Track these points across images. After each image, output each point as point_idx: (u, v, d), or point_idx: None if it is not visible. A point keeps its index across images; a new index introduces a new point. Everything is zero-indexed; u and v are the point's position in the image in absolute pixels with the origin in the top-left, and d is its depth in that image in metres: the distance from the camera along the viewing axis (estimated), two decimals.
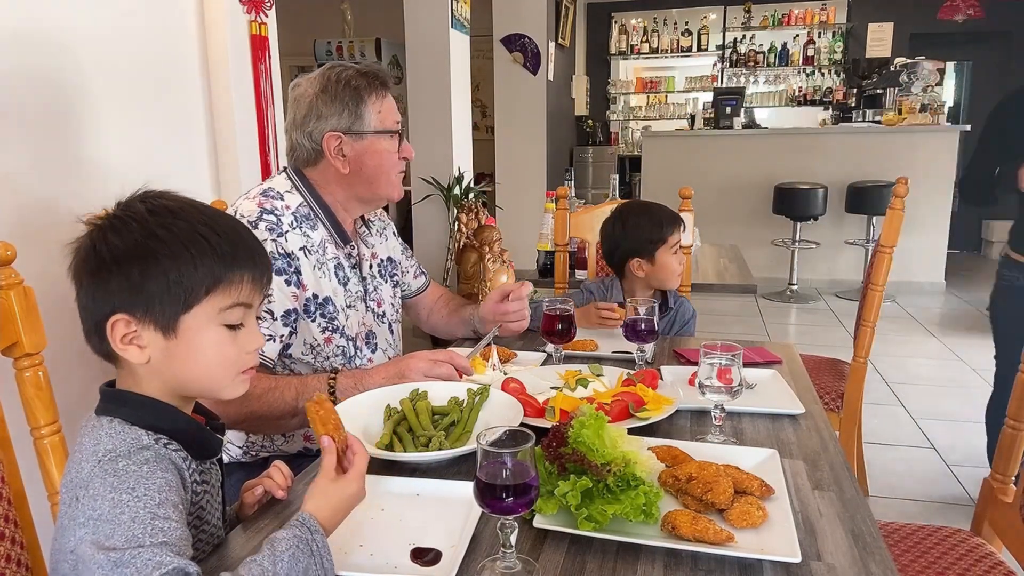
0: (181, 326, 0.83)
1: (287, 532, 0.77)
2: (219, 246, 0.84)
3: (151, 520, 0.73)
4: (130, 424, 0.82)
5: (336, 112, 1.42)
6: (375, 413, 1.22)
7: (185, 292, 0.82)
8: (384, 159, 1.46)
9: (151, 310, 0.82)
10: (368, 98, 1.44)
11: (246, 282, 0.86)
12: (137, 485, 0.75)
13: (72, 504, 0.76)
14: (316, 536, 0.78)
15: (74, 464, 0.79)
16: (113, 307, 0.82)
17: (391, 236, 1.71)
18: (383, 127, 1.46)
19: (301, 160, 1.48)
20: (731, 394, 1.18)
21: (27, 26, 1.44)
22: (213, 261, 0.83)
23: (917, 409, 3.34)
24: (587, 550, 0.87)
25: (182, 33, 1.88)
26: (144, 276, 0.81)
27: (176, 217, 0.84)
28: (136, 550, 0.70)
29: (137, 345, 0.83)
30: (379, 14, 6.51)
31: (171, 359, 0.84)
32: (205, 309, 0.83)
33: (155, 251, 0.81)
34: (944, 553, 1.31)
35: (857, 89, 7.31)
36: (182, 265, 0.81)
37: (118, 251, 0.81)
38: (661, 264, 1.90)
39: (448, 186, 4.01)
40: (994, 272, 2.46)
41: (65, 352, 1.46)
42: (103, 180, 1.62)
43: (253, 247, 0.89)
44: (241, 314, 0.87)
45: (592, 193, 7.61)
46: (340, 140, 1.43)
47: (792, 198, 5.44)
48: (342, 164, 1.45)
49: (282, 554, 0.74)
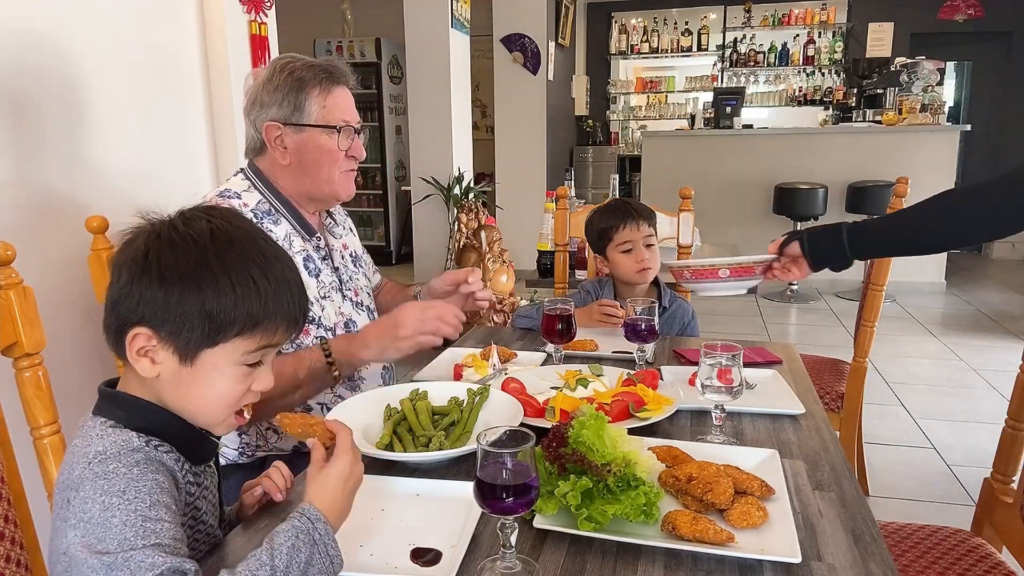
0: (201, 358, 0.82)
1: (286, 524, 0.76)
2: (265, 292, 0.82)
3: (142, 523, 0.72)
4: (123, 427, 0.81)
5: (277, 101, 1.40)
6: (375, 413, 1.22)
7: (217, 328, 0.81)
8: (324, 154, 1.43)
9: (177, 335, 0.81)
10: (311, 90, 1.41)
11: (280, 330, 0.85)
12: (127, 488, 0.75)
13: (64, 506, 0.76)
14: (317, 525, 0.77)
15: (66, 465, 0.79)
16: (142, 317, 0.81)
17: (351, 232, 1.70)
18: (324, 121, 1.42)
19: (250, 150, 1.48)
20: (731, 394, 1.18)
21: (27, 27, 1.44)
22: (253, 305, 0.82)
23: (917, 409, 3.34)
24: (587, 550, 0.87)
25: (182, 33, 1.89)
26: (182, 301, 0.79)
27: (233, 248, 0.82)
28: (129, 553, 0.70)
29: (151, 359, 0.82)
30: (379, 14, 6.52)
31: (178, 384, 0.83)
32: (229, 349, 0.82)
33: (201, 280, 0.80)
34: (944, 553, 1.31)
35: (857, 89, 7.31)
36: (223, 301, 0.80)
37: (167, 269, 0.80)
38: (613, 261, 1.92)
39: (448, 186, 4.01)
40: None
41: (65, 352, 1.46)
42: (103, 180, 1.62)
43: (299, 295, 0.88)
44: (263, 355, 0.86)
45: (592, 193, 7.61)
46: (280, 130, 1.41)
47: (792, 198, 5.44)
48: (282, 155, 1.43)
49: (280, 546, 0.73)
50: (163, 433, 0.84)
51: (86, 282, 1.40)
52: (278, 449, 1.45)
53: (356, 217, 1.43)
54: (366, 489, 1.01)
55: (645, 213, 1.93)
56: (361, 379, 1.53)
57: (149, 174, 1.75)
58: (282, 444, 1.45)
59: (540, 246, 3.06)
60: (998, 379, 3.69)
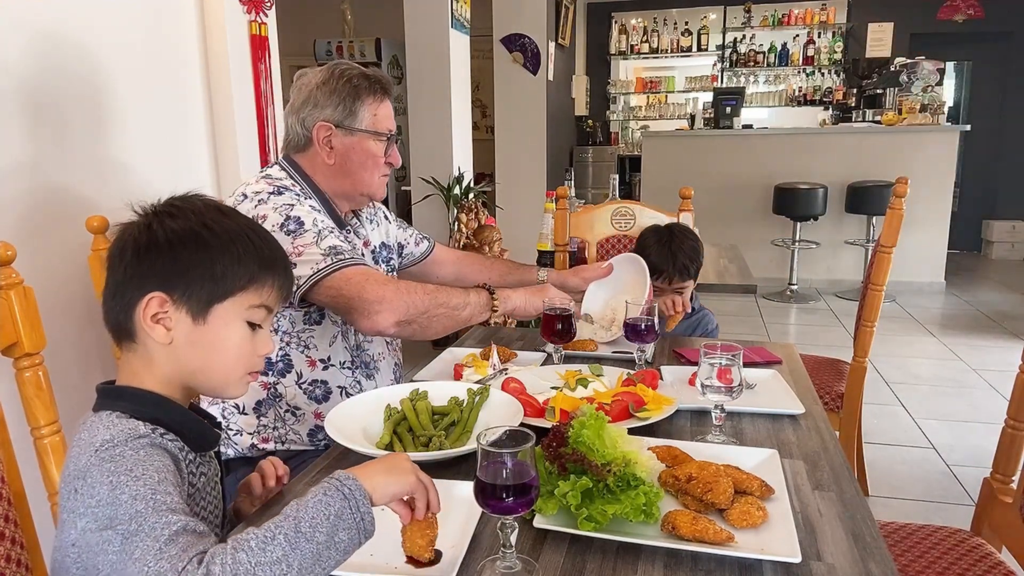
0: (212, 314, 0.87)
1: (315, 487, 0.76)
2: (261, 248, 0.91)
3: (152, 495, 0.72)
4: (128, 416, 0.83)
5: (332, 104, 1.47)
6: (375, 413, 1.22)
7: (224, 283, 0.87)
8: (369, 159, 1.51)
9: (190, 294, 0.86)
10: (366, 98, 1.48)
11: (275, 288, 0.92)
12: (135, 467, 0.75)
13: (71, 497, 0.76)
14: (348, 482, 0.76)
15: (72, 458, 0.79)
16: (154, 285, 0.85)
17: (383, 220, 1.73)
18: (375, 129, 1.50)
19: (291, 145, 1.52)
20: (731, 394, 1.18)
21: (27, 27, 1.44)
22: (253, 260, 0.89)
23: (917, 409, 3.34)
24: (587, 550, 0.87)
25: (182, 33, 1.89)
26: (192, 261, 0.86)
27: (226, 216, 0.91)
28: (142, 518, 0.70)
29: (164, 326, 0.86)
30: (379, 14, 6.52)
31: (193, 345, 0.87)
32: (236, 303, 0.88)
33: (207, 240, 0.87)
34: (944, 553, 1.31)
35: (857, 89, 7.31)
36: (227, 257, 0.87)
37: (173, 234, 0.86)
38: None
39: (448, 186, 4.01)
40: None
41: (65, 352, 1.46)
42: (103, 180, 1.62)
43: (285, 259, 0.96)
44: (263, 316, 0.92)
45: (592, 193, 7.61)
46: (331, 131, 1.47)
47: (792, 198, 5.43)
48: (328, 155, 1.49)
49: (307, 502, 0.73)
50: (165, 420, 0.85)
51: (86, 282, 1.40)
52: (294, 432, 1.46)
53: None
54: None
55: (683, 270, 1.89)
56: (376, 368, 1.56)
57: (149, 174, 1.75)
58: (299, 427, 1.46)
59: (540, 246, 3.05)
60: (998, 379, 3.69)
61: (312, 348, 1.46)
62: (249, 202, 1.39)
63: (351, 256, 1.36)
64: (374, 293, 1.30)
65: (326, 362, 1.47)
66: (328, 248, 1.34)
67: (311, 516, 0.71)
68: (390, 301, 1.31)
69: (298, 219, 1.36)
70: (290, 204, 1.39)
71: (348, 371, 1.49)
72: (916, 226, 5.32)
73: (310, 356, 1.46)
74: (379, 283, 1.33)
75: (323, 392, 1.47)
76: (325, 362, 1.47)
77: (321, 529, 0.71)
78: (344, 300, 1.31)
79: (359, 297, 1.30)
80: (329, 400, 1.46)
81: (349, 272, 1.32)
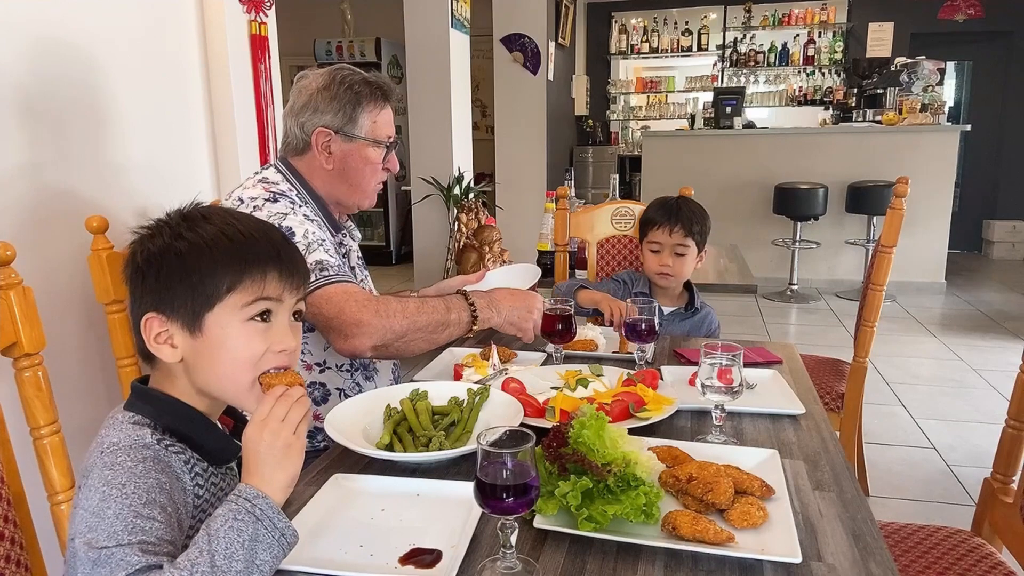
0: (206, 324, 0.86)
1: (221, 509, 0.76)
2: (241, 245, 0.87)
3: (133, 519, 0.74)
4: (143, 424, 0.85)
5: (332, 110, 1.46)
6: (375, 413, 1.22)
7: (205, 290, 0.85)
8: (367, 165, 1.50)
9: (177, 309, 0.86)
10: (366, 105, 1.48)
11: (271, 278, 0.88)
12: (128, 482, 0.77)
13: (78, 491, 0.80)
14: (257, 501, 0.76)
15: (89, 451, 0.83)
16: (148, 306, 0.87)
17: None
18: (374, 136, 1.50)
19: (289, 148, 1.52)
20: (731, 394, 1.18)
21: (26, 27, 1.44)
22: (232, 260, 0.86)
23: (917, 409, 3.34)
24: (587, 550, 0.87)
25: (182, 33, 1.88)
26: (169, 276, 0.86)
27: (206, 221, 0.88)
28: (112, 549, 0.72)
29: (170, 344, 0.87)
30: (379, 14, 6.52)
31: (199, 357, 0.87)
32: (226, 307, 0.86)
33: (182, 252, 0.85)
34: (944, 553, 1.31)
35: (857, 89, 7.30)
36: (203, 265, 0.85)
37: (149, 254, 0.87)
38: (643, 254, 1.96)
39: (448, 186, 4.00)
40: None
41: (65, 352, 1.46)
42: (103, 180, 1.62)
43: (280, 245, 0.91)
44: (268, 308, 0.88)
45: (592, 193, 7.61)
46: (330, 137, 1.47)
47: (792, 198, 5.43)
48: (326, 160, 1.48)
49: (218, 530, 0.73)
50: (184, 432, 0.87)
51: (86, 282, 1.40)
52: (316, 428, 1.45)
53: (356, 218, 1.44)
54: (366, 489, 1.01)
55: (687, 222, 1.90)
56: (375, 370, 1.56)
57: (149, 174, 1.75)
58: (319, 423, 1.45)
59: (540, 246, 3.05)
60: (998, 379, 3.69)
61: (307, 353, 1.46)
62: (244, 207, 1.39)
63: (336, 271, 1.34)
64: (352, 316, 1.29)
65: (322, 365, 1.47)
66: (314, 263, 1.33)
67: (225, 547, 0.71)
68: (368, 325, 1.29)
69: (289, 229, 1.35)
70: (283, 213, 1.38)
71: (347, 373, 1.49)
72: (916, 226, 5.32)
73: (305, 360, 1.46)
74: (359, 305, 1.31)
75: (321, 394, 1.48)
76: (321, 365, 1.47)
77: (237, 558, 0.72)
78: (323, 319, 1.31)
79: (337, 318, 1.29)
80: (328, 402, 1.46)
81: (331, 290, 1.31)
